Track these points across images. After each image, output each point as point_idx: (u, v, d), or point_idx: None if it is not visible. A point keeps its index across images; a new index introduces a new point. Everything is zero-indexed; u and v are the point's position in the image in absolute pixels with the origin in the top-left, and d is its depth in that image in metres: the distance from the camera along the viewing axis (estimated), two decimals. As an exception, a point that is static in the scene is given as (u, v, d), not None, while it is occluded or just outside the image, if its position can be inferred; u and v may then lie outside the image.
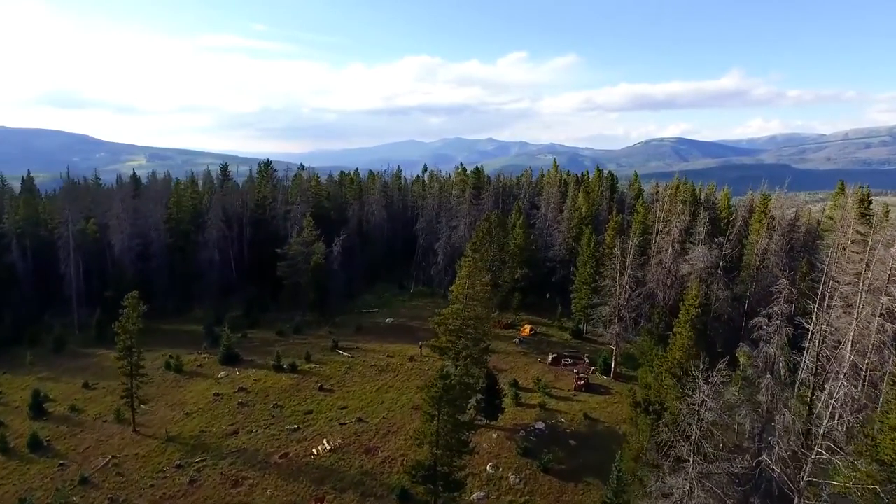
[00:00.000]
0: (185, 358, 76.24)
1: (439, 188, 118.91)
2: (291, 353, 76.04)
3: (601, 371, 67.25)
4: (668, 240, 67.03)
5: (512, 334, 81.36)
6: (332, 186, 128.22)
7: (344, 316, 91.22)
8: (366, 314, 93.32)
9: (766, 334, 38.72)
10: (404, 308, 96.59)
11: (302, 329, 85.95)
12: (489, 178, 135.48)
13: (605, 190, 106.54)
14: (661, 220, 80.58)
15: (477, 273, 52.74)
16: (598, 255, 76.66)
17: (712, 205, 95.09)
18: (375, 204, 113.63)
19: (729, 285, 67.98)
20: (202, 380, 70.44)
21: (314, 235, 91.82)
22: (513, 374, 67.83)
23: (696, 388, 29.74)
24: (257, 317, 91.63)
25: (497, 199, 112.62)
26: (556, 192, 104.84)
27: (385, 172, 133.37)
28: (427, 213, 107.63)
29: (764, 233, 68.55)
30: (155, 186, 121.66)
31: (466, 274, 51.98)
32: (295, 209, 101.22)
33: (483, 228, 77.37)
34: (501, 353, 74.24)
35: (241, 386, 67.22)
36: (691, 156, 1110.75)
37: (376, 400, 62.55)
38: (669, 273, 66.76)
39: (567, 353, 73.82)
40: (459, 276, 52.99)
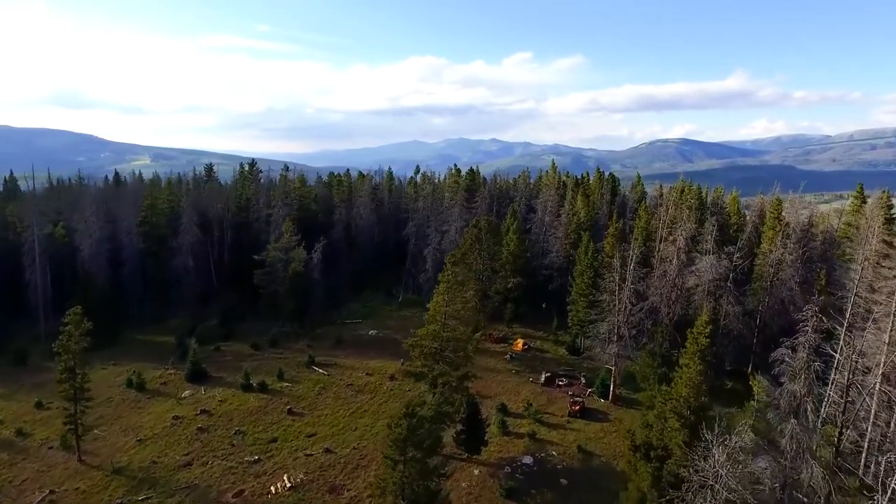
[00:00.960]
0: (149, 374, 70.62)
1: (432, 190, 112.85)
2: (264, 370, 70.34)
3: (598, 393, 61.19)
4: (673, 249, 60.89)
5: (503, 349, 75.38)
6: (320, 188, 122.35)
7: (325, 327, 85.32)
8: (349, 325, 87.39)
9: (791, 369, 32.60)
10: (391, 318, 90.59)
11: (279, 341, 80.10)
12: (485, 179, 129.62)
13: (605, 193, 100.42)
14: (665, 226, 74.50)
15: (456, 289, 46.79)
16: (597, 265, 70.65)
17: (720, 209, 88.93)
18: (363, 207, 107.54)
19: (740, 299, 61.85)
20: (164, 400, 64.59)
21: (294, 241, 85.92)
22: (501, 396, 61.86)
23: (708, 451, 23.70)
24: (233, 327, 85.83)
25: (492, 202, 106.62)
26: (553, 195, 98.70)
27: (377, 173, 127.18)
28: (417, 216, 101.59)
29: (778, 242, 62.41)
30: (131, 187, 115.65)
31: (444, 290, 46.05)
32: (276, 212, 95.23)
33: (470, 235, 71.34)
34: (491, 372, 68.30)
35: (204, 408, 61.34)
36: (696, 157, 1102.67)
37: (349, 426, 56.56)
38: (674, 286, 60.65)
39: (562, 371, 67.83)
40: (437, 293, 47.06)
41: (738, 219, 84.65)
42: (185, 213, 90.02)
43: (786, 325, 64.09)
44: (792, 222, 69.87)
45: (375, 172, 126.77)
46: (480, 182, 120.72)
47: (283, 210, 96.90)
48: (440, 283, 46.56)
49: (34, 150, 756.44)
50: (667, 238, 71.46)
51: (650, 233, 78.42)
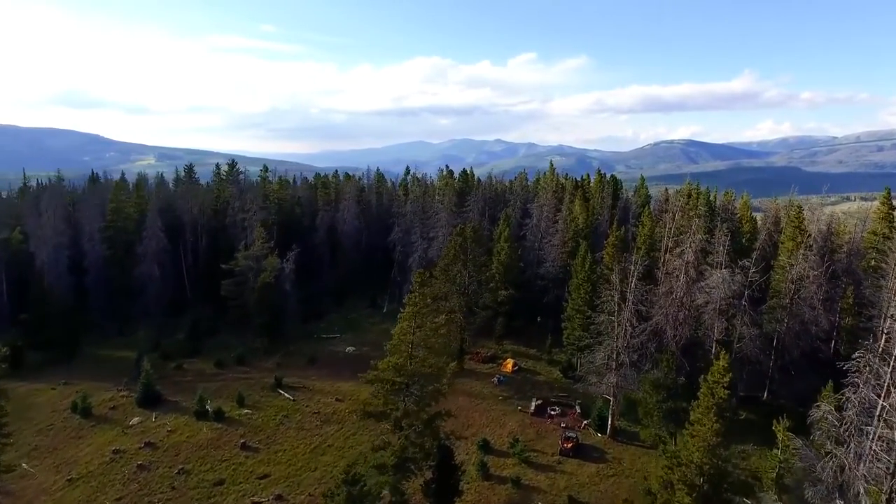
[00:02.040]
0: (99, 397, 63.87)
1: (422, 193, 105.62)
2: (224, 393, 63.45)
3: (595, 426, 53.93)
4: (681, 263, 53.52)
5: (491, 370, 68.21)
6: (304, 190, 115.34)
7: (300, 342, 78.28)
8: (326, 340, 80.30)
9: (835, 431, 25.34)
10: (373, 332, 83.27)
11: (246, 359, 73.09)
12: (479, 181, 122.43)
13: (606, 197, 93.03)
14: (671, 234, 67.27)
15: (426, 313, 39.65)
16: (595, 278, 63.43)
17: (730, 215, 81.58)
18: (347, 210, 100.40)
19: (756, 320, 54.50)
20: (109, 428, 57.65)
21: (266, 248, 78.89)
22: (485, 428, 54.76)
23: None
24: (202, 342, 79.02)
25: (485, 205, 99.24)
26: (550, 199, 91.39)
27: (365, 174, 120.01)
28: (404, 221, 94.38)
29: (799, 255, 55.06)
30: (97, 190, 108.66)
31: (411, 314, 38.89)
32: (251, 217, 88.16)
33: (454, 244, 64.12)
34: (475, 398, 61.17)
35: (150, 439, 54.38)
36: (701, 158, 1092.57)
37: (308, 465, 49.52)
38: (682, 305, 53.30)
39: (555, 398, 60.61)
40: (402, 317, 39.88)
41: (750, 226, 77.17)
42: (150, 218, 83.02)
43: (807, 349, 56.87)
44: (813, 231, 62.58)
45: (364, 174, 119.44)
46: (475, 184, 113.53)
47: (260, 214, 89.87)
48: (406, 306, 39.46)
49: (41, 150, 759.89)
50: (673, 249, 64.24)
51: (654, 241, 71.24)
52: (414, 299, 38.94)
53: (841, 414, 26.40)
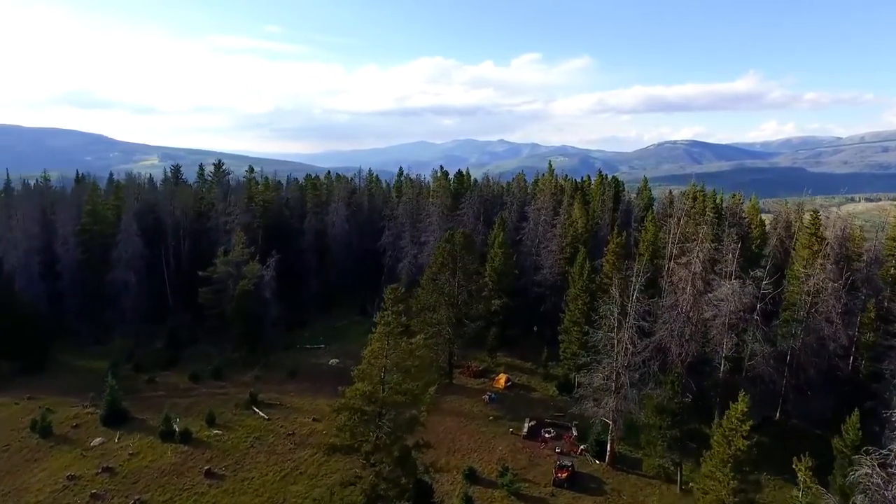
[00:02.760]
0: (63, 413, 59.71)
1: (416, 195, 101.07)
2: (195, 411, 59.13)
3: (593, 452, 49.39)
4: (687, 274, 48.93)
5: (482, 386, 63.76)
6: (293, 191, 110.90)
7: (281, 353, 73.97)
8: (309, 351, 76.00)
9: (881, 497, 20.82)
10: (359, 343, 77.49)
11: (223, 372, 68.73)
12: (476, 182, 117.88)
13: (607, 199, 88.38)
14: (676, 240, 62.74)
15: (401, 333, 35.24)
16: (594, 288, 58.98)
17: (738, 220, 76.96)
18: (336, 213, 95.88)
19: (769, 335, 49.90)
20: (68, 449, 53.28)
21: (247, 254, 74.50)
22: (472, 454, 50.33)
23: None
24: (180, 352, 74.96)
25: (481, 208, 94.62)
26: (548, 201, 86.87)
27: (358, 175, 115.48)
28: (395, 225, 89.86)
29: (817, 265, 50.46)
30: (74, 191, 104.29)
31: (382, 335, 34.45)
32: (233, 220, 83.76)
33: (443, 251, 59.59)
34: (464, 418, 56.72)
35: (109, 464, 49.97)
36: (704, 158, 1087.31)
37: (277, 496, 45.07)
38: (688, 320, 48.70)
39: (550, 419, 56.11)
40: (372, 339, 35.46)
41: (760, 231, 72.48)
42: (125, 222, 78.60)
43: (824, 368, 52.29)
44: (829, 237, 57.95)
45: (355, 174, 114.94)
46: (471, 185, 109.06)
47: (243, 217, 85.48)
48: (377, 325, 35.07)
49: (45, 150, 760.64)
50: (678, 257, 59.68)
51: (658, 248, 66.75)
52: (386, 318, 34.53)
53: (888, 474, 21.88)
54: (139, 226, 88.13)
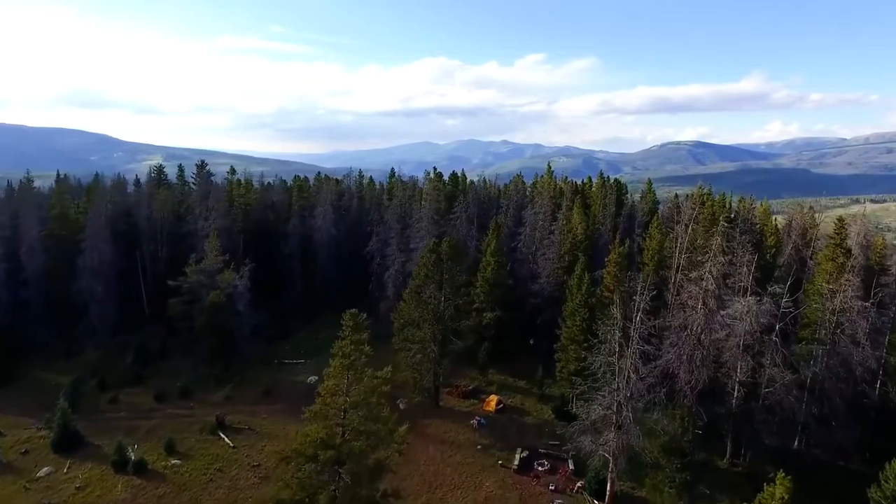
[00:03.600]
0: (15, 436, 55.15)
1: (408, 198, 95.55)
2: (157, 435, 54.10)
3: (591, 490, 43.94)
4: (698, 292, 43.44)
5: (472, 408, 58.38)
6: (279, 194, 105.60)
7: (257, 369, 68.78)
8: (287, 367, 70.69)
9: None
10: (343, 356, 73.73)
11: (191, 390, 63.59)
12: (473, 183, 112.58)
13: (609, 203, 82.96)
14: (684, 250, 57.37)
15: (364, 365, 29.98)
16: (593, 303, 53.67)
17: (750, 226, 71.52)
18: (322, 217, 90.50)
19: (789, 360, 44.46)
20: (11, 481, 48.34)
21: (221, 262, 69.26)
22: (455, 491, 45.04)
23: None
24: (148, 368, 69.92)
25: (475, 212, 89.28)
26: (547, 205, 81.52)
27: (349, 177, 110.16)
28: (383, 230, 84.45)
29: (843, 280, 45.03)
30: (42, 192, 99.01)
31: (341, 369, 29.20)
32: (210, 224, 78.54)
33: (427, 262, 54.15)
34: (449, 447, 51.41)
35: (52, 500, 45.16)
36: (708, 159, 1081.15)
37: (230, 544, 39.92)
38: (699, 344, 43.26)
39: (544, 449, 50.72)
40: (329, 373, 30.19)
41: (775, 239, 66.94)
42: (90, 227, 73.46)
43: (850, 396, 46.84)
44: (853, 247, 52.57)
45: (345, 175, 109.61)
46: (467, 187, 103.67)
47: (223, 221, 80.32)
48: (334, 358, 29.86)
49: (49, 150, 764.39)
50: (686, 268, 54.29)
51: (664, 258, 61.38)
52: (345, 348, 29.21)
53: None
54: (112, 230, 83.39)
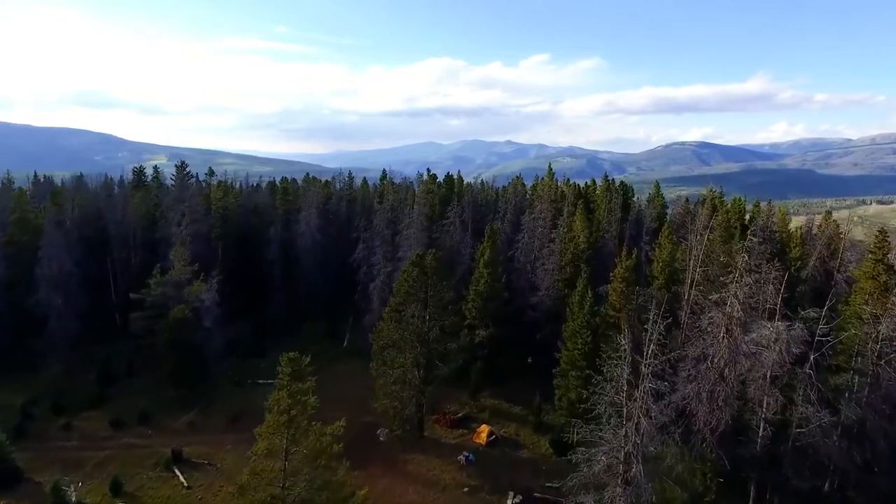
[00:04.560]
0: (-51, 470, 48.55)
1: (399, 201, 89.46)
2: (105, 469, 48.32)
3: (594, 548, 37.65)
4: (720, 318, 37.10)
5: (460, 440, 52.18)
6: (263, 197, 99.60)
7: (228, 390, 62.88)
8: (262, 387, 64.24)
9: None
10: (323, 374, 67.15)
11: (152, 415, 57.49)
12: (470, 185, 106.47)
13: (615, 208, 76.70)
14: (699, 263, 51.04)
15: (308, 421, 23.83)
16: (597, 324, 47.44)
17: (770, 234, 65.28)
18: (306, 222, 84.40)
19: (825, 395, 38.08)
20: (-69, 526, 42.35)
21: (189, 272, 63.24)
22: (436, 547, 38.82)
23: None
24: (108, 388, 63.80)
25: (470, 217, 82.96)
26: (547, 210, 75.41)
27: (339, 178, 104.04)
28: (370, 237, 78.19)
29: (889, 303, 38.70)
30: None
31: (277, 427, 23.02)
32: (183, 231, 72.54)
33: (408, 277, 47.89)
34: (432, 489, 45.26)
35: (-31, 553, 39.01)
36: (713, 160, 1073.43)
37: None
38: (721, 379, 36.94)
39: (540, 493, 44.49)
40: (261, 431, 24.03)
41: (800, 251, 60.47)
42: (47, 233, 67.41)
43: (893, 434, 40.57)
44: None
45: (335, 177, 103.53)
46: (464, 190, 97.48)
47: (194, 227, 74.31)
48: (269, 413, 23.76)
49: (55, 150, 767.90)
50: (700, 284, 48.00)
51: (676, 271, 55.10)
52: (282, 402, 23.04)
53: None
54: (79, 236, 77.80)
